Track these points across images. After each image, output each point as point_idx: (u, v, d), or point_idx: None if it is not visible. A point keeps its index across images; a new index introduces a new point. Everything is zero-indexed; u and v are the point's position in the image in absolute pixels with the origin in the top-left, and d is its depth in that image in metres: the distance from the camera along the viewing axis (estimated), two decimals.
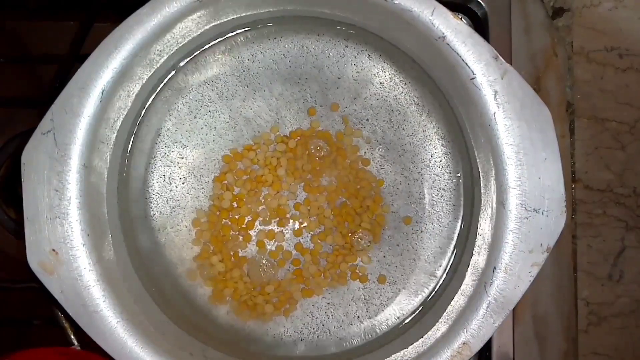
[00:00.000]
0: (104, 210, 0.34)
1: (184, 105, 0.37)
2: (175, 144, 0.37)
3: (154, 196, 0.37)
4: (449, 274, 0.36)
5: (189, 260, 0.37)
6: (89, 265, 0.31)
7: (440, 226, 0.37)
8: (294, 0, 0.35)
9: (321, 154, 0.37)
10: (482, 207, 0.34)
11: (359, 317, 0.36)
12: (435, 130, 0.37)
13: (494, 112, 0.31)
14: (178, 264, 0.37)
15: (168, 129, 0.37)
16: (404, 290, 0.37)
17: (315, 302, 0.37)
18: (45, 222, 0.31)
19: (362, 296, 0.37)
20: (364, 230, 0.36)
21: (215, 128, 0.37)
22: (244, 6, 0.35)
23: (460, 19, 0.32)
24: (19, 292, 0.39)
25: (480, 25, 0.40)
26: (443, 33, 0.31)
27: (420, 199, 0.37)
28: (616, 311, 0.44)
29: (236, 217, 0.37)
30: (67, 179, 0.31)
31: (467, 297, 0.32)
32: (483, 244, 0.33)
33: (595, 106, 0.44)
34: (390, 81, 0.37)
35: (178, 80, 0.37)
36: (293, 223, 0.37)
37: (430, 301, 0.36)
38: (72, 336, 0.35)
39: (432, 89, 0.37)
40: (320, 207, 0.37)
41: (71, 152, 0.31)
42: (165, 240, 0.37)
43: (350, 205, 0.37)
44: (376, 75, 0.37)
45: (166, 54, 0.35)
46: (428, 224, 0.37)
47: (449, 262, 0.37)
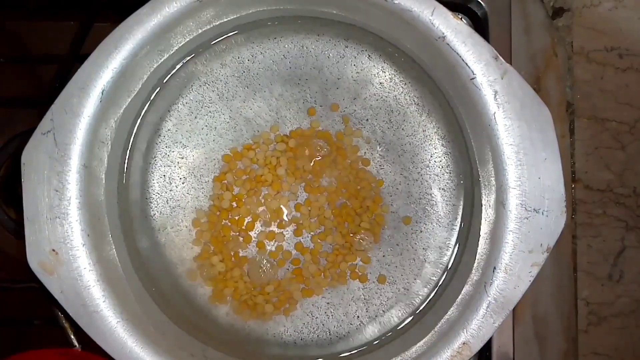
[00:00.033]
0: (104, 210, 0.33)
1: (184, 105, 0.37)
2: (175, 144, 0.37)
3: (154, 196, 0.37)
4: (448, 273, 0.36)
5: (189, 260, 0.37)
6: (89, 265, 0.31)
7: (440, 226, 0.37)
8: (294, 0, 0.35)
9: (321, 154, 0.37)
10: (482, 207, 0.34)
11: (358, 317, 0.36)
12: (435, 130, 0.37)
13: (494, 112, 0.31)
14: (178, 264, 0.37)
15: (168, 129, 0.37)
16: (403, 290, 0.37)
17: (315, 302, 0.37)
18: (45, 222, 0.31)
19: (362, 296, 0.37)
20: (364, 230, 0.36)
21: (215, 128, 0.37)
22: (244, 6, 0.35)
23: (460, 19, 0.31)
24: (19, 292, 0.39)
25: (480, 25, 0.40)
26: (443, 33, 0.31)
27: (420, 199, 0.37)
28: (616, 311, 0.44)
29: (236, 218, 0.37)
30: (67, 179, 0.31)
31: (467, 297, 0.32)
32: (483, 244, 0.33)
33: (595, 106, 0.44)
34: (390, 81, 0.37)
35: (178, 80, 0.37)
36: (293, 224, 0.37)
37: (430, 301, 0.36)
38: (72, 336, 0.35)
39: (432, 89, 0.37)
40: (320, 208, 0.37)
41: (71, 152, 0.31)
42: (165, 240, 0.37)
43: (350, 206, 0.37)
44: (376, 75, 0.37)
45: (166, 54, 0.35)
46: (428, 224, 0.37)
47: (448, 262, 0.37)
